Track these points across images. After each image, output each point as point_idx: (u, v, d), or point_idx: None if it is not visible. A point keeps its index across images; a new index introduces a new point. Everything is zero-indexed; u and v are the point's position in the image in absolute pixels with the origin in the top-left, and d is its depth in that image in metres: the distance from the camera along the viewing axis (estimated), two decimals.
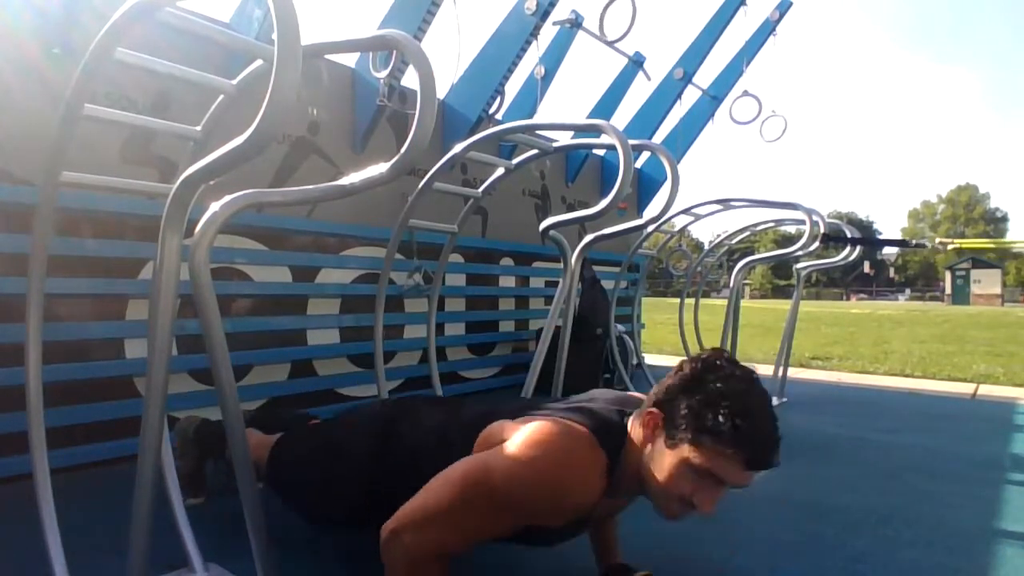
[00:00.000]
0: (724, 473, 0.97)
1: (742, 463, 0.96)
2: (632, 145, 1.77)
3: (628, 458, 1.07)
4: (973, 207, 56.09)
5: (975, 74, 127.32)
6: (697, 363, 1.02)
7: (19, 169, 2.09)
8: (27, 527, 1.35)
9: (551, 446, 1.02)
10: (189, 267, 1.01)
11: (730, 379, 0.99)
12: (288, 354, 2.88)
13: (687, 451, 0.97)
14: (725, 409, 0.95)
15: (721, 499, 1.02)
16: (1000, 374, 5.38)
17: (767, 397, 1.01)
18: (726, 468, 0.96)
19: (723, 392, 0.97)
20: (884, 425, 3.29)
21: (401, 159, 1.02)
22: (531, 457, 1.00)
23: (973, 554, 1.68)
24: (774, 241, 37.92)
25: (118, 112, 1.45)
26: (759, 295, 48.61)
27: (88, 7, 2.21)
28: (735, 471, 0.96)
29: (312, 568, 1.51)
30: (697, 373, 1.00)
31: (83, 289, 2.22)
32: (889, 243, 7.01)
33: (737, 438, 0.94)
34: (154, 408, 1.05)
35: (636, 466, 1.06)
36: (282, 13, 0.83)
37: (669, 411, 1.01)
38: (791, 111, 5.48)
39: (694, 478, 0.98)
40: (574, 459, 1.02)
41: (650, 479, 1.03)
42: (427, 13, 2.90)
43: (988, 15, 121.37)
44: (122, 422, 2.25)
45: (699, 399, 0.97)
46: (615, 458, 1.06)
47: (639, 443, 1.06)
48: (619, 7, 3.76)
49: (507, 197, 4.15)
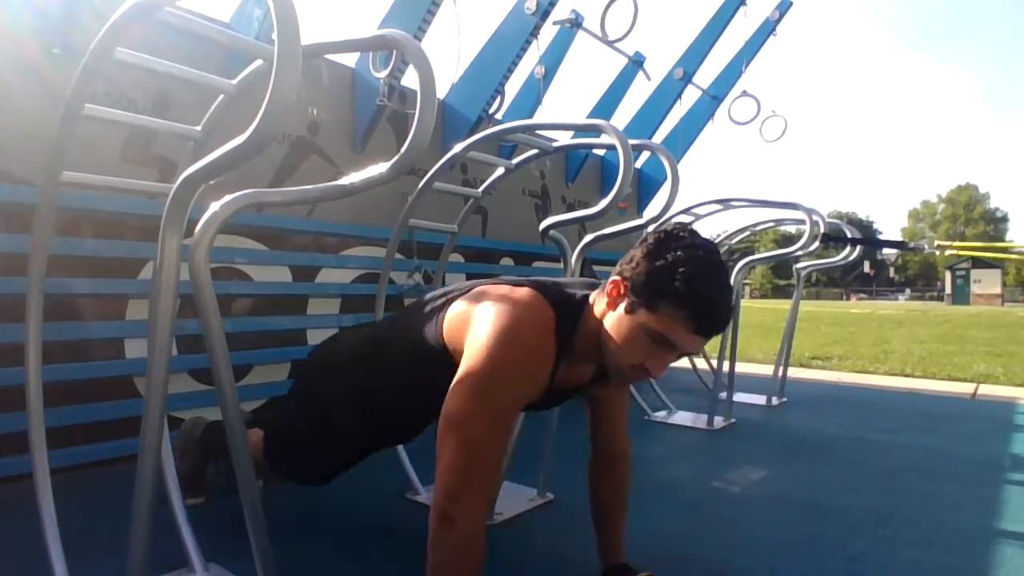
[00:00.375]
0: (676, 336, 1.03)
1: (692, 327, 1.02)
2: (632, 145, 1.77)
3: (586, 325, 1.13)
4: (973, 207, 56.07)
5: (975, 74, 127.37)
6: (661, 233, 1.07)
7: (19, 169, 2.09)
8: (27, 527, 1.35)
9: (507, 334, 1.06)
10: (189, 267, 1.01)
11: (689, 248, 1.03)
12: (288, 354, 2.87)
13: (644, 316, 1.04)
14: (680, 275, 1.00)
15: (719, 499, 1.02)
16: (1000, 374, 5.38)
17: (724, 269, 1.06)
18: (678, 332, 1.03)
19: (681, 259, 1.02)
20: (884, 425, 3.29)
21: (401, 159, 1.02)
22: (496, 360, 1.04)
23: (973, 554, 1.68)
24: (774, 241, 37.93)
25: (118, 112, 1.44)
26: (759, 295, 48.63)
27: (88, 7, 2.21)
28: (686, 336, 1.03)
29: (312, 568, 1.51)
30: (660, 243, 1.05)
31: (83, 289, 2.22)
32: (888, 244, 7.03)
33: (688, 302, 1.00)
34: (154, 408, 1.05)
35: (595, 333, 1.12)
36: (282, 13, 0.83)
37: (631, 278, 1.06)
38: (791, 111, 5.49)
39: (648, 342, 1.05)
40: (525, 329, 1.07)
41: (608, 343, 1.09)
42: (427, 13, 2.90)
43: (988, 15, 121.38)
44: (122, 422, 2.25)
45: (659, 265, 1.03)
46: (566, 319, 1.12)
47: (601, 312, 1.12)
48: (621, 7, 3.77)
49: (507, 197, 4.14)
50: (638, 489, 2.17)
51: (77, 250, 2.19)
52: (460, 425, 1.03)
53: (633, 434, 1.49)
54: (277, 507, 1.72)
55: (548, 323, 1.10)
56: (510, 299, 1.11)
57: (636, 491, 2.15)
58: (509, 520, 1.82)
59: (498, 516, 1.81)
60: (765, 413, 3.59)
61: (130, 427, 2.17)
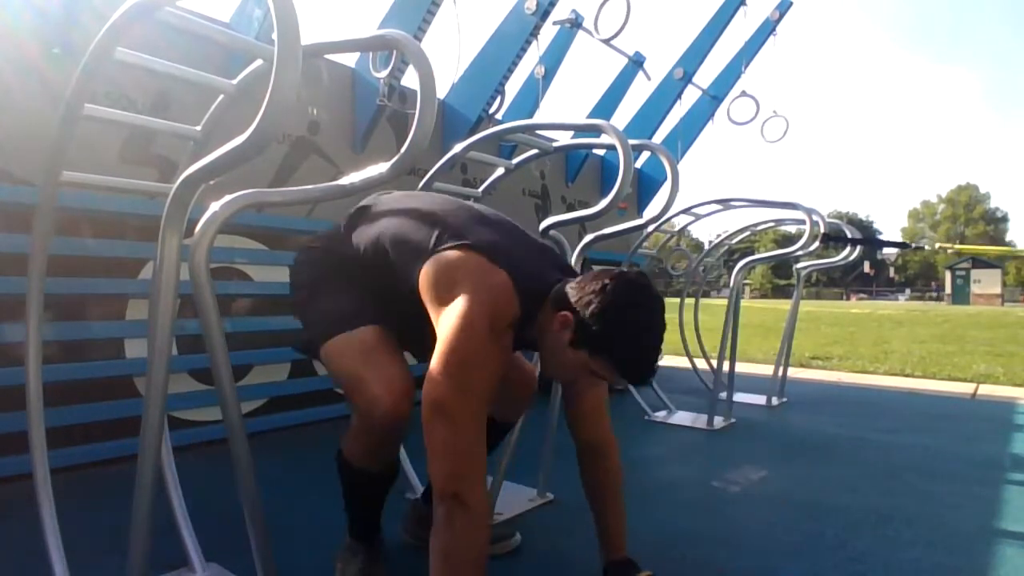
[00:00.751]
0: (610, 378, 1.17)
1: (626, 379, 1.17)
2: (632, 145, 1.77)
3: (539, 321, 1.21)
4: (973, 207, 56.09)
5: (975, 74, 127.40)
6: (618, 286, 1.14)
7: (19, 169, 2.09)
8: (27, 527, 1.35)
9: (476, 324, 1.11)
10: (189, 267, 1.01)
11: (639, 309, 1.13)
12: (288, 354, 2.88)
13: (584, 357, 1.14)
14: (622, 342, 1.12)
15: (719, 499, 1.02)
16: (1000, 374, 5.38)
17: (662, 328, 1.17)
18: (612, 376, 1.16)
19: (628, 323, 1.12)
20: (884, 425, 3.29)
21: (401, 159, 1.02)
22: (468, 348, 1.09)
23: (973, 554, 1.68)
24: (774, 241, 37.95)
25: (118, 112, 1.44)
26: (759, 295, 48.62)
27: (88, 7, 2.21)
28: (618, 379, 1.17)
29: (312, 567, 1.50)
30: (615, 298, 1.12)
31: (83, 289, 2.22)
32: (888, 244, 7.03)
33: (624, 367, 1.14)
34: (154, 408, 1.05)
35: (540, 331, 1.21)
36: (282, 13, 0.83)
37: (579, 322, 1.14)
38: (791, 111, 5.48)
39: (583, 373, 1.18)
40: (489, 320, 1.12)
41: (549, 354, 1.22)
42: (427, 13, 2.90)
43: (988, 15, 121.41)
44: (122, 422, 2.25)
45: (607, 323, 1.11)
46: (526, 311, 1.19)
47: (551, 327, 1.18)
48: (613, 5, 3.76)
49: (507, 197, 4.14)
50: (638, 489, 2.18)
51: (77, 250, 2.19)
52: (445, 407, 1.07)
53: (633, 434, 1.49)
54: (277, 506, 1.72)
55: (513, 314, 1.17)
56: (485, 285, 1.15)
57: (636, 491, 2.16)
58: (509, 520, 1.81)
59: (498, 516, 1.81)
60: (765, 413, 3.59)
61: (130, 427, 2.17)
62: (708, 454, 2.72)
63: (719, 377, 3.17)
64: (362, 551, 1.42)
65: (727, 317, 3.13)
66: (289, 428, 2.83)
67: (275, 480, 2.05)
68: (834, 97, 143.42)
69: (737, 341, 3.28)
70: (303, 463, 2.37)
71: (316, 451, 2.44)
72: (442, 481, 1.07)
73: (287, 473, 2.25)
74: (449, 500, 1.06)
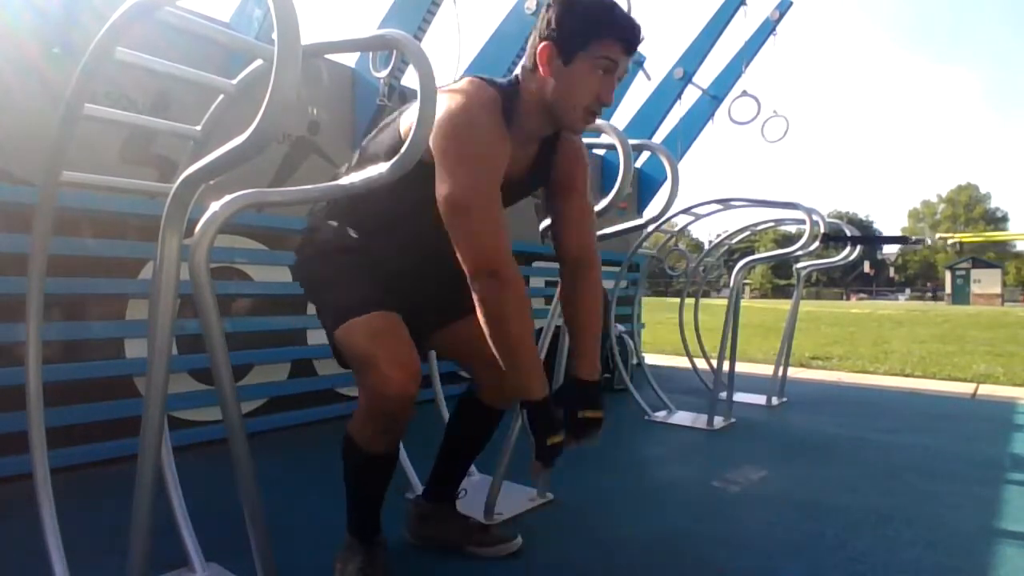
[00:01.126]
0: (613, 51, 1.20)
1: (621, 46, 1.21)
2: (632, 145, 1.78)
3: (525, 101, 1.27)
4: (973, 207, 56.12)
5: (975, 74, 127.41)
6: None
7: (19, 169, 2.09)
8: (27, 527, 1.35)
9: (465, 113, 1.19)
10: (189, 267, 1.01)
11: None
12: (288, 354, 2.88)
13: (582, 58, 1.20)
14: (593, 14, 1.20)
15: (719, 499, 1.02)
16: (1000, 374, 5.38)
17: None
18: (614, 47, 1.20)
19: (587, 3, 1.21)
20: (884, 425, 3.29)
21: (401, 159, 1.02)
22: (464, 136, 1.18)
23: (973, 554, 1.68)
24: (774, 241, 37.93)
25: (118, 112, 1.45)
26: (759, 295, 48.64)
27: (88, 7, 2.21)
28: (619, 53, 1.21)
29: (312, 567, 1.50)
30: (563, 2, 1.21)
31: (83, 289, 2.22)
32: (889, 240, 7.04)
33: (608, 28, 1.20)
34: (154, 408, 1.05)
35: (538, 103, 1.26)
36: (282, 13, 0.83)
37: (556, 39, 1.21)
38: (791, 111, 5.48)
39: (594, 76, 1.21)
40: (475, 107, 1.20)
41: (561, 100, 1.24)
42: (427, 13, 2.90)
43: (988, 15, 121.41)
44: (122, 422, 2.25)
45: (577, 15, 1.20)
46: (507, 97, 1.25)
47: (540, 81, 1.25)
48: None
49: None
50: (638, 489, 2.18)
51: (77, 250, 2.19)
52: (461, 200, 1.16)
53: (633, 434, 1.49)
54: (277, 506, 1.72)
55: (495, 101, 1.23)
56: (457, 91, 1.23)
57: (636, 491, 2.16)
58: (509, 520, 1.81)
59: (498, 516, 1.81)
60: (765, 413, 3.59)
61: (130, 427, 2.17)
62: (708, 454, 2.72)
63: (719, 377, 3.17)
64: (362, 551, 1.42)
65: (727, 317, 3.13)
66: (289, 428, 2.83)
67: (275, 480, 2.04)
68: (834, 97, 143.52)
69: (737, 341, 3.28)
70: (303, 463, 2.37)
71: (316, 451, 2.44)
72: (472, 264, 1.18)
73: (287, 473, 2.25)
74: (484, 277, 1.17)
